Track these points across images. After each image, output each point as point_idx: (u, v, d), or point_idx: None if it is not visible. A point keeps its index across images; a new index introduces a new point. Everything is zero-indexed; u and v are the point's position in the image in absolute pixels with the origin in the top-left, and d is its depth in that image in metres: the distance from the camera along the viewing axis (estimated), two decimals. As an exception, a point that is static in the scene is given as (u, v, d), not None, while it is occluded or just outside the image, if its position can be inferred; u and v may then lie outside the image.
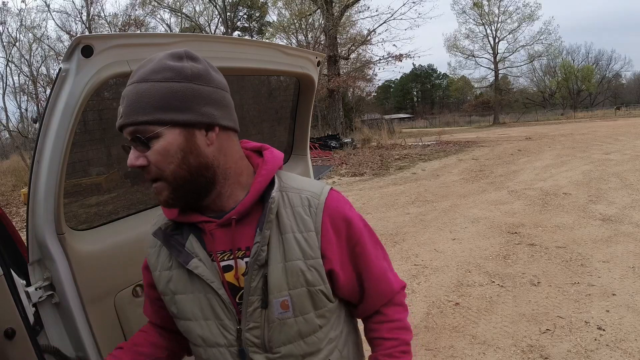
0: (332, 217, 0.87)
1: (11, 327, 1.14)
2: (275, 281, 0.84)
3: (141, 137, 0.77)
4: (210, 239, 0.86)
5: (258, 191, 0.85)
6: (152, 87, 0.77)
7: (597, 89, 51.06)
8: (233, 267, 0.86)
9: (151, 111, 0.77)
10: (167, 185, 0.81)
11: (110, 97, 1.64)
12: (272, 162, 0.89)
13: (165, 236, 0.88)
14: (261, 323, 0.85)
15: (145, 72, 0.79)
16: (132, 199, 1.80)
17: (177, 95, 0.77)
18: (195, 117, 0.79)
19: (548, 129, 23.86)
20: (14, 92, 26.08)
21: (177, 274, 0.89)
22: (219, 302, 0.86)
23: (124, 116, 0.78)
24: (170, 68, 0.78)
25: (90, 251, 1.41)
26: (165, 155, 0.78)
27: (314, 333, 0.88)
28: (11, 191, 14.22)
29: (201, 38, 1.64)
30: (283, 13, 30.26)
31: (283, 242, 0.85)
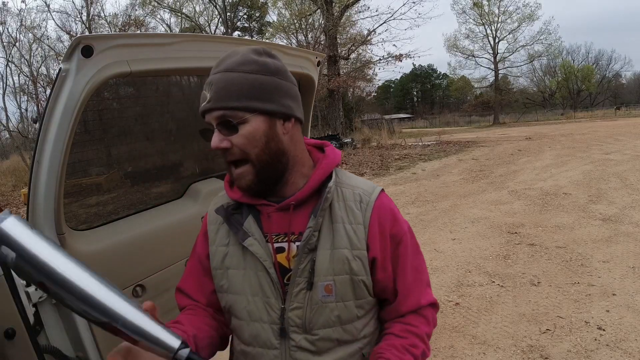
0: (380, 215, 0.94)
1: (11, 327, 1.14)
2: (321, 265, 0.90)
3: (232, 120, 0.85)
4: (267, 221, 0.93)
5: (317, 182, 0.93)
6: (241, 77, 0.85)
7: (597, 89, 51.06)
8: (285, 249, 0.92)
9: (241, 99, 0.84)
10: (251, 169, 0.88)
11: (110, 97, 1.64)
12: (333, 158, 0.98)
13: (227, 214, 0.95)
14: (304, 304, 0.90)
15: (232, 63, 0.86)
16: (132, 199, 1.80)
17: (263, 87, 0.86)
18: (278, 107, 0.87)
19: (548, 129, 23.86)
20: (14, 92, 26.08)
21: (233, 250, 0.95)
22: (267, 280, 0.91)
23: (213, 101, 0.85)
24: (255, 61, 0.87)
25: (91, 251, 1.41)
26: (252, 140, 0.86)
27: (352, 322, 0.93)
28: (11, 191, 14.22)
29: (201, 38, 1.65)
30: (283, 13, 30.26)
31: (333, 230, 0.92)
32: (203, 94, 0.88)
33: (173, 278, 1.67)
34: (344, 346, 0.93)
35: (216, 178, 1.95)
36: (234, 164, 0.89)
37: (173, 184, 1.92)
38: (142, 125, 1.85)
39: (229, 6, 31.39)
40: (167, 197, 1.83)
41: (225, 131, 0.86)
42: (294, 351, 0.90)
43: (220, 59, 0.89)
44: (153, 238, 1.61)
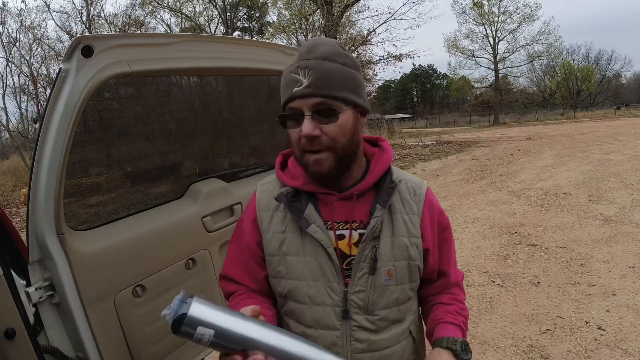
0: (430, 206, 1.03)
1: (11, 327, 1.14)
2: (384, 252, 0.95)
3: (335, 109, 0.87)
4: (328, 209, 0.97)
5: (379, 173, 0.98)
6: (340, 68, 0.89)
7: (597, 89, 51.05)
8: (346, 236, 0.96)
9: (341, 90, 0.88)
10: (334, 156, 0.90)
11: (110, 97, 1.64)
12: (390, 152, 1.03)
13: (288, 201, 0.97)
14: (367, 288, 0.95)
15: (328, 53, 0.89)
16: (132, 199, 1.79)
17: (357, 82, 0.92)
18: (364, 103, 0.94)
19: (548, 129, 23.85)
20: (14, 93, 26.03)
21: (291, 237, 0.97)
22: (329, 265, 0.95)
23: (314, 87, 0.86)
24: (347, 55, 0.92)
25: (91, 251, 1.41)
26: (343, 130, 0.89)
27: (405, 303, 1.01)
28: (11, 191, 14.21)
29: (201, 38, 1.65)
30: (283, 13, 30.23)
31: (392, 220, 0.98)
32: (293, 78, 0.88)
33: (173, 278, 1.67)
34: (397, 324, 1.00)
35: (216, 178, 1.95)
36: (314, 151, 0.90)
37: (173, 184, 1.92)
38: (142, 126, 1.85)
39: (229, 6, 31.38)
40: (167, 197, 1.83)
41: (320, 119, 0.88)
42: (355, 331, 0.95)
43: (307, 45, 0.91)
44: (153, 238, 1.61)
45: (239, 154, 2.26)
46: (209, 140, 2.09)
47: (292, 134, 0.93)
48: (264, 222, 1.01)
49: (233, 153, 2.24)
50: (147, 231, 1.60)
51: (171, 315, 0.71)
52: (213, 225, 1.82)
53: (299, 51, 0.92)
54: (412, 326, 1.05)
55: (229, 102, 2.16)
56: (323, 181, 0.95)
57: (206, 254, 1.81)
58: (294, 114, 0.90)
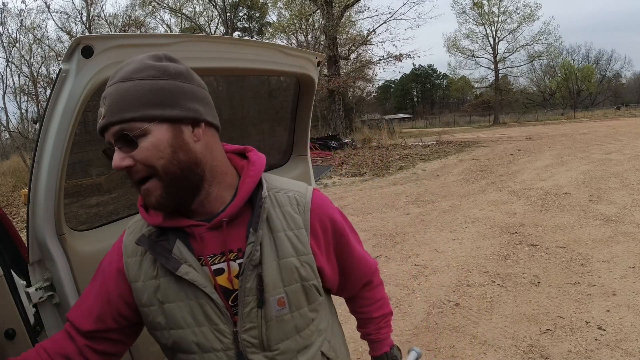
0: (319, 215, 0.91)
1: (11, 327, 1.14)
2: (270, 279, 0.85)
3: (129, 134, 0.75)
4: (199, 243, 0.85)
5: (248, 192, 0.85)
6: (137, 84, 0.76)
7: (597, 89, 51.05)
8: (225, 270, 0.85)
9: (137, 108, 0.75)
10: (158, 184, 0.79)
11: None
12: (259, 163, 0.90)
13: (151, 243, 0.85)
14: (258, 322, 0.85)
15: (127, 72, 0.78)
16: (132, 199, 1.79)
17: (163, 92, 0.77)
18: (182, 112, 0.78)
19: (548, 129, 23.85)
20: (14, 93, 26.08)
21: (165, 281, 0.85)
22: (212, 306, 0.84)
23: (108, 116, 0.76)
24: (153, 67, 0.78)
25: (91, 252, 1.41)
26: (155, 151, 0.77)
27: (308, 327, 0.91)
28: (11, 192, 14.23)
29: (201, 38, 1.64)
30: (283, 13, 30.27)
31: (275, 240, 0.86)
32: (99, 110, 0.78)
33: (173, 278, 1.67)
34: (304, 352, 0.91)
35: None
36: (140, 181, 0.80)
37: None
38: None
39: (229, 6, 31.38)
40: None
41: (126, 148, 0.76)
42: None
43: (115, 70, 0.80)
44: (153, 238, 1.61)
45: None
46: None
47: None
48: (132, 270, 0.88)
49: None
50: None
51: None
52: (213, 225, 1.82)
53: None
54: (325, 346, 0.95)
55: (229, 102, 2.16)
56: (167, 212, 0.84)
57: (206, 254, 1.80)
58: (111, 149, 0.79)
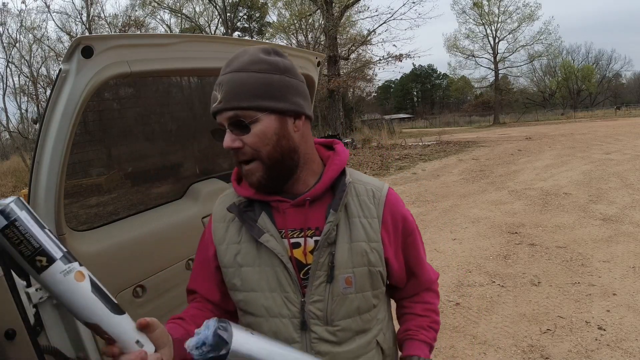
0: (391, 210, 0.99)
1: (12, 327, 1.14)
2: (341, 258, 0.92)
3: (243, 120, 0.86)
4: (282, 218, 0.94)
5: (331, 178, 0.95)
6: (252, 76, 0.86)
7: (597, 89, 51.04)
8: (301, 244, 0.93)
9: (252, 98, 0.85)
10: (261, 166, 0.89)
11: (110, 98, 1.64)
12: (344, 155, 1.00)
13: (240, 211, 0.95)
14: (325, 296, 0.92)
15: (242, 63, 0.87)
16: (132, 199, 1.80)
17: (274, 86, 0.87)
18: (288, 105, 0.88)
19: (548, 129, 23.85)
20: (14, 93, 26.08)
21: (246, 247, 0.94)
22: (285, 275, 0.91)
23: (224, 101, 0.86)
24: (265, 61, 0.88)
25: (91, 252, 1.41)
26: (263, 138, 0.87)
27: (369, 311, 0.97)
28: (11, 192, 14.23)
29: (201, 39, 1.64)
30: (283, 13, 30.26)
31: (350, 225, 0.94)
32: (214, 94, 0.89)
33: (173, 279, 1.67)
34: (361, 335, 0.96)
35: (216, 178, 1.95)
36: (244, 162, 0.90)
37: (173, 184, 1.92)
38: (142, 126, 1.85)
39: (229, 7, 31.38)
40: (167, 197, 1.83)
41: (237, 131, 0.87)
42: (315, 343, 0.92)
43: (229, 59, 0.90)
44: (153, 239, 1.61)
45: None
46: (209, 141, 2.09)
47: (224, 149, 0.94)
48: (219, 234, 0.99)
49: (233, 153, 2.23)
50: (148, 232, 1.60)
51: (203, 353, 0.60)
52: (213, 225, 1.82)
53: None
54: (380, 337, 1.01)
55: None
56: (263, 191, 0.94)
57: (206, 254, 1.81)
58: (222, 129, 0.90)
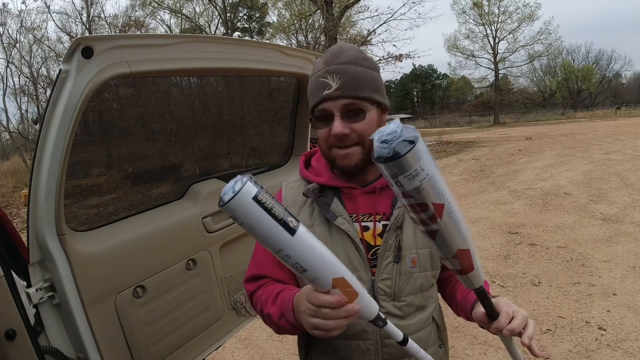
0: None
1: (12, 328, 1.14)
2: (408, 240, 1.01)
3: (363, 109, 0.96)
4: (353, 203, 1.03)
5: None
6: (365, 71, 0.97)
7: (598, 89, 51.01)
8: (370, 228, 1.01)
9: (368, 90, 0.96)
10: (361, 151, 0.98)
11: (110, 98, 1.65)
12: None
13: (314, 196, 1.03)
14: (393, 275, 1.00)
15: (353, 57, 0.97)
16: (132, 199, 1.80)
17: (379, 83, 1.00)
18: (386, 101, 1.02)
19: (548, 129, 23.84)
20: (14, 94, 26.08)
21: (319, 229, 1.01)
22: (356, 255, 0.99)
23: (344, 89, 0.94)
24: (369, 58, 1.00)
25: (91, 252, 1.41)
26: (369, 127, 0.96)
27: (428, 289, 1.06)
28: (12, 192, 14.23)
29: (201, 39, 1.65)
30: (283, 14, 30.26)
31: None
32: (322, 81, 0.96)
33: (173, 279, 1.67)
34: (421, 311, 1.05)
35: (216, 179, 1.95)
36: (344, 147, 0.97)
37: (173, 184, 1.92)
38: (143, 126, 1.85)
39: (229, 7, 31.39)
40: (167, 197, 1.83)
41: (349, 119, 0.96)
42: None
43: (334, 51, 0.99)
44: (153, 239, 1.61)
45: (239, 154, 2.27)
46: (209, 141, 2.09)
47: (321, 133, 1.01)
48: None
49: (233, 154, 2.24)
50: (148, 232, 1.60)
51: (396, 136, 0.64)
52: (213, 225, 1.82)
53: (324, 57, 1.00)
54: (435, 313, 1.10)
55: (229, 102, 2.16)
56: (350, 174, 1.02)
57: (206, 254, 1.81)
58: (323, 115, 0.98)
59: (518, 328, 0.88)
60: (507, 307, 0.90)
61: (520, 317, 0.88)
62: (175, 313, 1.69)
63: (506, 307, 0.90)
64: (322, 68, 0.98)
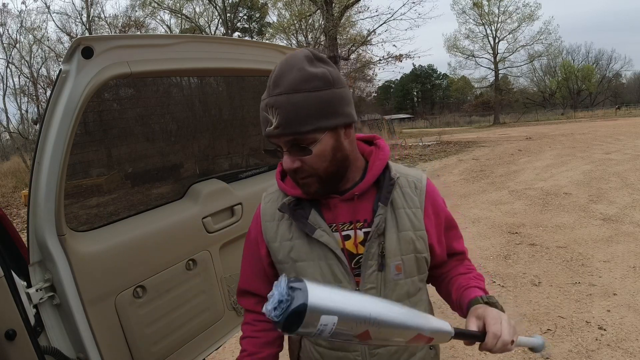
0: (431, 199, 1.06)
1: (12, 328, 1.14)
2: (391, 247, 0.97)
3: (304, 145, 0.88)
4: (332, 212, 0.99)
5: (378, 172, 1.00)
6: (308, 97, 0.85)
7: (598, 89, 51.01)
8: (351, 236, 0.98)
9: (310, 122, 0.86)
10: (318, 180, 0.93)
11: (110, 98, 1.65)
12: (386, 150, 1.04)
13: (291, 210, 0.99)
14: (378, 284, 0.97)
15: (293, 82, 0.85)
16: (132, 200, 1.80)
17: (328, 103, 0.87)
18: (343, 119, 0.90)
19: (548, 129, 23.83)
20: (14, 94, 26.07)
21: (299, 243, 0.99)
22: (339, 267, 0.97)
23: (282, 127, 0.86)
24: (315, 76, 0.86)
25: (91, 252, 1.41)
26: (321, 157, 0.90)
27: (415, 294, 1.03)
28: (12, 192, 14.23)
29: (201, 39, 1.64)
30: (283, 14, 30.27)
31: (396, 216, 0.99)
32: (264, 116, 0.89)
33: (174, 279, 1.67)
34: None
35: (216, 179, 1.95)
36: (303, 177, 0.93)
37: (173, 184, 1.92)
38: (143, 126, 1.85)
39: (229, 7, 31.39)
40: (167, 198, 1.83)
41: (297, 153, 0.90)
42: None
43: (275, 75, 0.88)
44: (154, 239, 1.61)
45: (239, 154, 2.27)
46: (209, 141, 2.09)
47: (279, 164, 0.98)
48: (270, 232, 1.03)
49: (233, 154, 2.24)
50: (148, 232, 1.60)
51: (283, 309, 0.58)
52: (213, 226, 1.82)
53: (269, 80, 0.90)
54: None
55: (229, 102, 2.16)
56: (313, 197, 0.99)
57: (207, 254, 1.81)
58: (276, 148, 0.93)
59: (506, 346, 0.87)
60: (493, 325, 0.87)
61: (506, 333, 0.86)
62: (175, 313, 1.69)
63: (493, 327, 0.86)
64: (265, 97, 0.90)
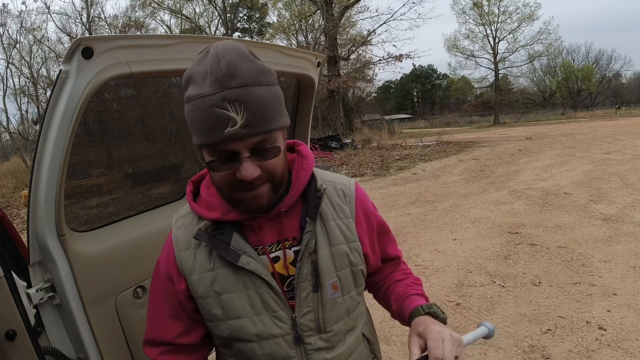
0: (362, 205, 0.98)
1: (12, 328, 1.14)
2: (325, 265, 0.89)
3: (278, 144, 0.78)
4: (256, 234, 0.88)
5: (304, 184, 0.90)
6: (269, 91, 0.76)
7: (598, 89, 51.02)
8: (280, 257, 0.89)
9: (277, 118, 0.77)
10: (271, 187, 0.81)
11: (110, 99, 1.65)
12: (311, 158, 0.94)
13: (209, 236, 0.86)
14: (315, 306, 0.89)
15: (252, 73, 0.74)
16: (132, 200, 1.80)
17: (281, 100, 0.80)
18: (287, 118, 0.82)
19: (548, 129, 23.83)
20: (14, 94, 26.11)
21: (222, 273, 0.87)
22: (271, 294, 0.87)
23: (253, 126, 0.73)
24: (267, 69, 0.78)
25: (91, 252, 1.41)
26: (281, 159, 0.81)
27: (355, 309, 0.96)
28: (12, 193, 14.23)
29: (201, 39, 1.64)
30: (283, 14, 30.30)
31: (327, 229, 0.91)
32: (220, 114, 0.71)
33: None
34: (350, 333, 0.96)
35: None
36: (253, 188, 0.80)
37: (173, 185, 1.92)
38: (143, 127, 1.85)
39: (229, 7, 31.40)
40: (167, 198, 1.83)
41: (259, 156, 0.77)
42: (311, 354, 0.90)
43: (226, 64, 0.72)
44: (154, 239, 1.61)
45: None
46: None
47: (221, 176, 0.78)
48: (187, 263, 0.89)
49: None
50: (148, 232, 1.60)
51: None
52: (213, 226, 1.82)
53: (206, 71, 0.73)
54: (365, 328, 1.02)
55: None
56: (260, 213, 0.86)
57: (207, 254, 1.81)
58: (225, 156, 0.76)
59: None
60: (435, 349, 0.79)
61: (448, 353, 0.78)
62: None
63: (435, 351, 0.78)
64: (212, 92, 0.71)
